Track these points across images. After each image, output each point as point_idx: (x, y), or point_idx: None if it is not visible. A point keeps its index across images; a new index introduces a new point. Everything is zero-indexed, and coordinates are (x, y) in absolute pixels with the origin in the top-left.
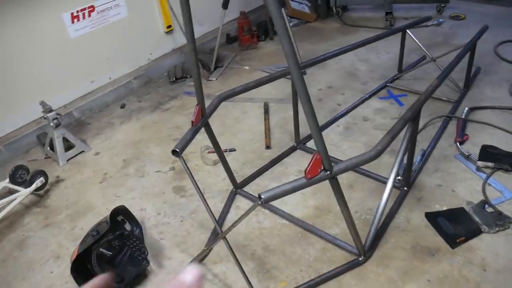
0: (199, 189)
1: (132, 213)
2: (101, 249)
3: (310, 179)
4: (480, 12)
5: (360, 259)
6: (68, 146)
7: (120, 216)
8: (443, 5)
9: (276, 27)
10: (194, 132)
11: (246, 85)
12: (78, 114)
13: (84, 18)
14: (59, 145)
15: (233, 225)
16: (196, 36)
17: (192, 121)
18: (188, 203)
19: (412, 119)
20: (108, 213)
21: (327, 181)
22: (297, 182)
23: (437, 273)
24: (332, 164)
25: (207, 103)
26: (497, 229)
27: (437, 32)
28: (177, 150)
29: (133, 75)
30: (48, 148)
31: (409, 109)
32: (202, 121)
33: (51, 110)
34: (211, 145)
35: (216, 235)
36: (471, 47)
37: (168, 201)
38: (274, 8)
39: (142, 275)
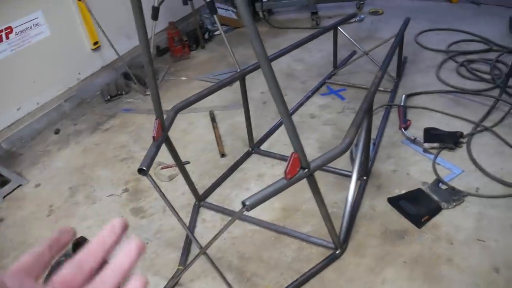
0: (170, 203)
1: None
2: None
3: (290, 179)
4: (395, 6)
5: (337, 252)
6: (2, 181)
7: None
8: (362, 2)
9: (249, 32)
10: (157, 147)
11: (199, 94)
12: (7, 145)
13: (1, 41)
14: None
15: (215, 237)
16: (125, 50)
17: (153, 137)
18: (150, 223)
19: (368, 109)
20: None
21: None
22: (278, 184)
23: (410, 253)
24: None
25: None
26: (454, 204)
27: (361, 28)
28: (144, 168)
29: (64, 97)
30: None
31: (364, 101)
32: (162, 135)
33: None
34: (162, 161)
35: (188, 251)
36: (400, 38)
37: (129, 224)
38: (246, 14)
39: None
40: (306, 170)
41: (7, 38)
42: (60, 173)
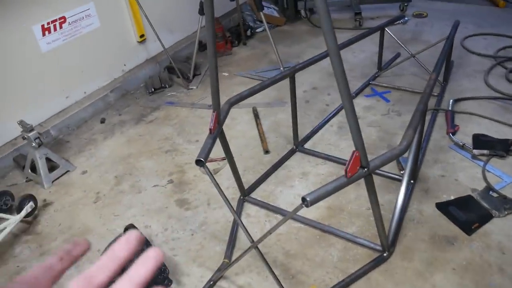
0: (223, 193)
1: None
2: None
3: (351, 177)
4: (440, 10)
5: (385, 254)
6: (51, 166)
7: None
8: (406, 4)
9: (322, 24)
10: (213, 140)
11: (252, 89)
12: (56, 132)
13: (55, 30)
14: (42, 166)
15: (269, 232)
16: (168, 44)
17: (210, 129)
18: (194, 215)
19: (424, 112)
20: (112, 233)
21: None
22: (338, 181)
23: (460, 260)
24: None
25: (199, 112)
26: (506, 212)
27: (405, 30)
28: (202, 159)
29: (109, 88)
30: (29, 170)
31: (419, 102)
32: (218, 128)
33: (32, 129)
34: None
35: (234, 245)
36: (450, 42)
37: (173, 215)
38: (322, 4)
39: None
40: (365, 169)
41: (61, 27)
42: (106, 161)
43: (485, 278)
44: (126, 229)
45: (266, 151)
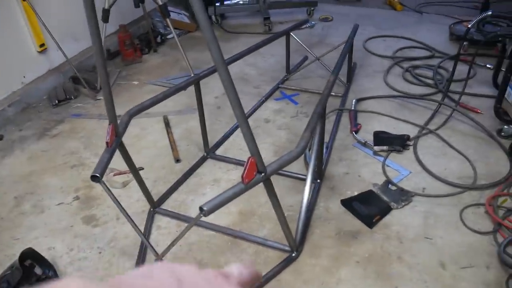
0: (124, 210)
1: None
2: None
3: (248, 183)
4: (344, 13)
5: (293, 254)
6: None
7: (28, 260)
8: (312, 8)
9: (206, 37)
10: (110, 153)
11: (154, 98)
12: None
13: None
14: None
15: (172, 244)
16: (73, 53)
17: (106, 142)
18: (103, 232)
19: (321, 113)
20: (11, 259)
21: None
22: (235, 188)
23: (363, 253)
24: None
25: (107, 123)
26: (403, 204)
27: (312, 34)
28: (97, 175)
29: (7, 102)
30: None
31: (317, 105)
32: (116, 141)
33: None
34: (115, 168)
35: (144, 259)
36: (350, 45)
37: (80, 234)
38: (203, 18)
39: None
40: (262, 174)
41: None
42: (4, 181)
43: (385, 268)
44: (23, 254)
45: (177, 160)
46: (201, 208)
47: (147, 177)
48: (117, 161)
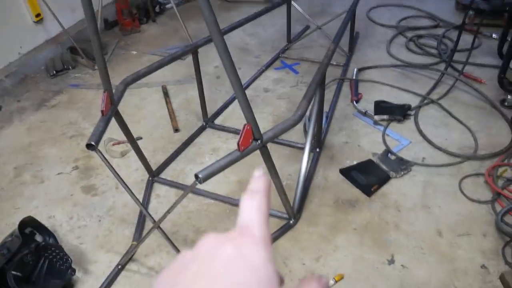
0: (120, 178)
1: (41, 222)
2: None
3: (244, 150)
4: None
5: (291, 222)
6: None
7: (28, 228)
8: None
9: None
10: (105, 122)
11: (149, 67)
12: None
13: None
14: None
15: (168, 211)
16: (70, 23)
17: (102, 111)
18: (102, 201)
19: (320, 82)
20: (12, 228)
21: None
22: (231, 156)
23: (360, 221)
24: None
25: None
26: (402, 173)
27: (314, 3)
28: (93, 143)
29: (4, 73)
30: None
31: (316, 73)
32: (111, 109)
33: None
34: (114, 137)
35: (142, 227)
36: (352, 14)
37: (79, 202)
38: None
39: (68, 286)
40: (259, 141)
41: None
42: (3, 153)
43: (382, 235)
44: (22, 222)
45: (176, 130)
46: (196, 176)
47: (146, 147)
48: (116, 131)
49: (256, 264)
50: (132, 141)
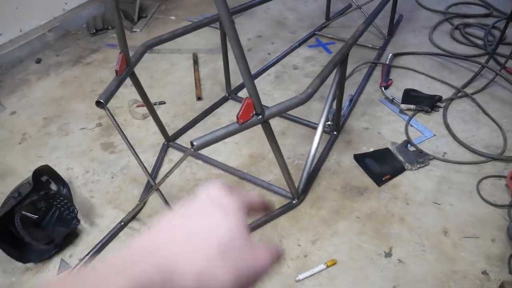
0: (126, 139)
1: (58, 173)
2: (24, 212)
3: (243, 123)
4: None
5: (294, 202)
6: None
7: (45, 176)
8: None
9: None
10: (119, 82)
11: (173, 33)
12: None
13: None
14: None
15: (166, 175)
16: None
17: (116, 71)
18: (118, 159)
19: (340, 62)
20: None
21: (261, 130)
22: (230, 127)
23: (365, 209)
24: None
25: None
26: (418, 166)
27: None
28: (102, 101)
29: (48, 27)
30: None
31: (337, 53)
32: (127, 70)
33: None
34: (139, 99)
35: (150, 188)
36: None
37: (97, 158)
38: None
39: (73, 235)
40: (260, 116)
41: None
42: (37, 103)
43: (385, 227)
44: (38, 170)
45: (199, 98)
46: (191, 143)
47: (168, 112)
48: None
49: (229, 210)
50: (148, 103)
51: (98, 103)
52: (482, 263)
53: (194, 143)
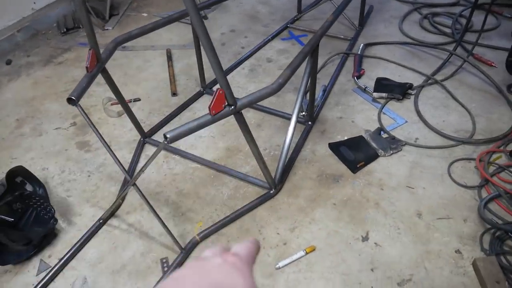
0: (100, 135)
1: (33, 173)
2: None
3: (215, 115)
4: None
5: (271, 192)
6: None
7: (19, 177)
8: None
9: None
10: (89, 78)
11: (143, 28)
12: None
13: None
14: None
15: (142, 169)
16: None
17: (86, 67)
18: (94, 157)
19: (311, 53)
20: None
21: (235, 123)
22: (202, 119)
23: (341, 196)
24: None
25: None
26: (391, 152)
27: None
28: (73, 97)
29: (16, 27)
30: None
31: (307, 44)
32: (98, 66)
33: None
34: (113, 97)
35: (126, 184)
36: None
37: (72, 157)
38: None
39: (52, 235)
40: (232, 107)
41: None
42: (8, 104)
43: (361, 212)
44: (12, 171)
45: (174, 93)
46: (165, 136)
47: (143, 108)
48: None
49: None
50: (122, 101)
51: (69, 100)
52: (455, 242)
53: (167, 136)
